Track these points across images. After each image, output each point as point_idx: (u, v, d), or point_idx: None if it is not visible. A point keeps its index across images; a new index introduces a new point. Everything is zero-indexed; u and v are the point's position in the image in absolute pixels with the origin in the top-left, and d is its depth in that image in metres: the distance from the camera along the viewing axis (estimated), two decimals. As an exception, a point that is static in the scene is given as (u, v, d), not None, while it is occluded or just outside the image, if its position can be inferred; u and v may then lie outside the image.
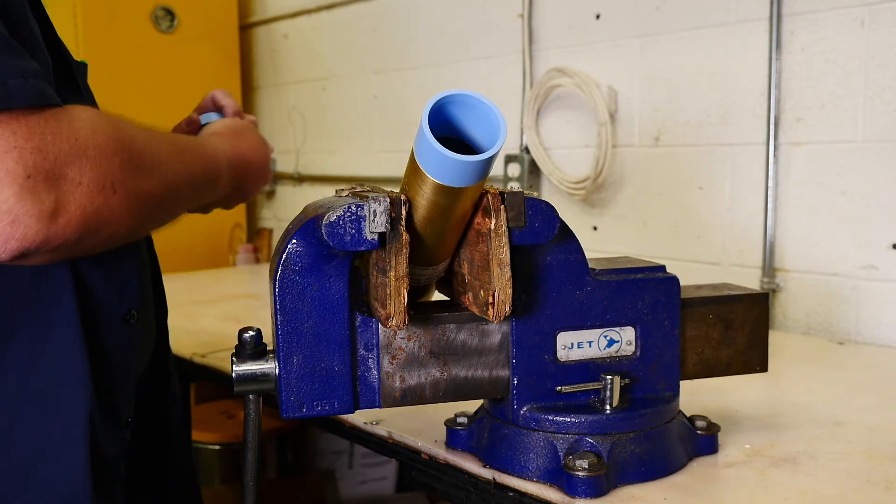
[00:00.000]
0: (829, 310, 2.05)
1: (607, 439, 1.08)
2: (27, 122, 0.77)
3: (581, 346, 1.11)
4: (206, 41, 3.59)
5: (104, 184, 0.82)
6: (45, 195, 0.77)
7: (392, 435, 1.31)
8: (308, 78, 3.60)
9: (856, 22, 1.94)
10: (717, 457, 1.18)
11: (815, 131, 2.04)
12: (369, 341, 1.04)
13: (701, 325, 1.19)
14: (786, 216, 2.11)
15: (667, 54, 2.31)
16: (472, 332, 1.08)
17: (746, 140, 2.17)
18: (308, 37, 3.57)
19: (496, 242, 0.96)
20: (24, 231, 0.77)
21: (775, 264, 2.14)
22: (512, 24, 2.68)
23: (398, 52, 3.13)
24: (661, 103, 2.34)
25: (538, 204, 1.01)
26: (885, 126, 1.91)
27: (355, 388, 1.04)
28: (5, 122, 0.76)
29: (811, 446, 1.22)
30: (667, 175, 2.35)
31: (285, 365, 1.00)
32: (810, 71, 2.03)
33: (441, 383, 1.08)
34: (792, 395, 1.53)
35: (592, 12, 2.47)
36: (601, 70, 2.45)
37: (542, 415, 1.09)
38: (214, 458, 2.46)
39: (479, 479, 1.14)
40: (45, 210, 0.77)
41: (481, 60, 2.82)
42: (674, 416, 1.15)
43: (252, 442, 1.04)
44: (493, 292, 0.96)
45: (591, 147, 2.46)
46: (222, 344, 1.94)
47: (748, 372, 1.23)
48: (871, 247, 1.96)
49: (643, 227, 2.42)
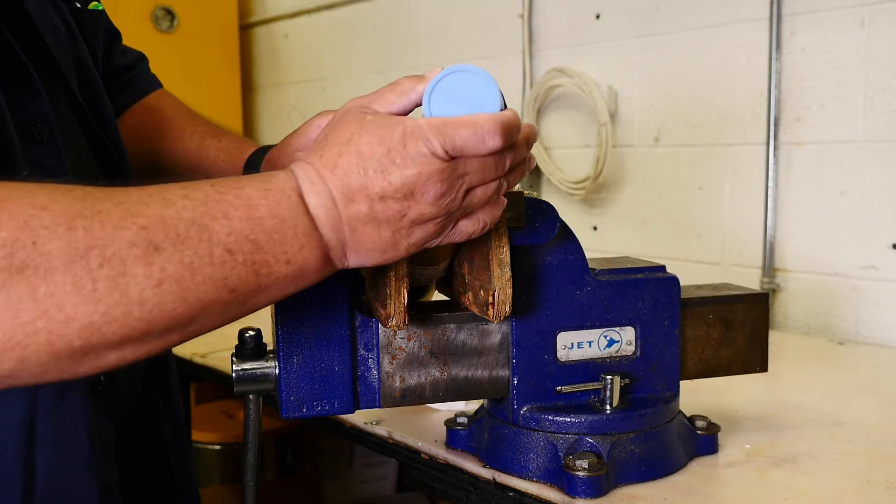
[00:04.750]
0: (829, 310, 2.05)
1: (607, 439, 1.08)
2: None
3: (581, 346, 1.11)
4: (206, 41, 3.59)
5: None
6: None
7: (392, 435, 1.31)
8: (308, 78, 3.60)
9: (856, 22, 1.94)
10: (717, 457, 1.18)
11: (815, 131, 2.04)
12: (369, 341, 1.04)
13: (701, 325, 1.19)
14: (786, 216, 2.11)
15: (667, 54, 2.31)
16: (472, 332, 1.08)
17: (746, 140, 2.17)
18: (308, 37, 3.57)
19: (496, 242, 0.96)
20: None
21: (775, 264, 2.14)
22: (512, 24, 2.68)
23: (398, 52, 3.13)
24: (661, 103, 2.34)
25: (538, 204, 1.01)
26: (885, 126, 1.91)
27: (355, 388, 1.04)
28: None
29: (811, 446, 1.22)
30: (667, 175, 2.35)
31: (285, 365, 0.99)
32: (810, 71, 2.03)
33: (441, 383, 1.08)
34: (792, 395, 1.53)
35: (592, 12, 2.47)
36: (601, 70, 2.45)
37: (542, 415, 1.09)
38: (214, 458, 2.46)
39: (479, 479, 1.14)
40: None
41: (481, 60, 2.82)
42: (674, 416, 1.15)
43: (252, 442, 1.03)
44: (493, 292, 0.96)
45: (591, 147, 2.46)
46: (222, 344, 1.94)
47: (748, 372, 1.23)
48: (871, 247, 1.96)
49: (643, 227, 2.42)
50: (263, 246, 0.69)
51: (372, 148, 0.74)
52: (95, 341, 0.63)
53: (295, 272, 0.72)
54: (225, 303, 0.68)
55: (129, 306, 0.63)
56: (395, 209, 0.74)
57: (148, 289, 0.63)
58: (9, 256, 0.58)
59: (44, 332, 0.60)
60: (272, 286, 0.71)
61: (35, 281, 0.59)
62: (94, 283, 0.61)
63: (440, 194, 0.75)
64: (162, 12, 3.43)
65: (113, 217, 0.63)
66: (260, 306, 0.74)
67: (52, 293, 0.60)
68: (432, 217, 0.76)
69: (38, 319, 0.60)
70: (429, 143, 0.73)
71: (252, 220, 0.69)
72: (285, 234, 0.71)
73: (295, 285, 0.74)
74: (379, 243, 0.76)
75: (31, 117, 0.90)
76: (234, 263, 0.67)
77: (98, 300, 0.61)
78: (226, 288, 0.68)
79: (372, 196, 0.73)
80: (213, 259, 0.66)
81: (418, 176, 0.74)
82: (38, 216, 0.60)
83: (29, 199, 0.61)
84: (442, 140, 0.74)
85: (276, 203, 0.71)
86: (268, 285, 0.71)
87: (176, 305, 0.65)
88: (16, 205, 0.60)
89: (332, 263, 0.76)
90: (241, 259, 0.68)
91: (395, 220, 0.75)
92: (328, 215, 0.73)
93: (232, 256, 0.67)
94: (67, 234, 0.61)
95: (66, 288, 0.60)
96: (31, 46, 0.92)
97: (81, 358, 0.63)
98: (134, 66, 1.35)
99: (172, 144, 1.29)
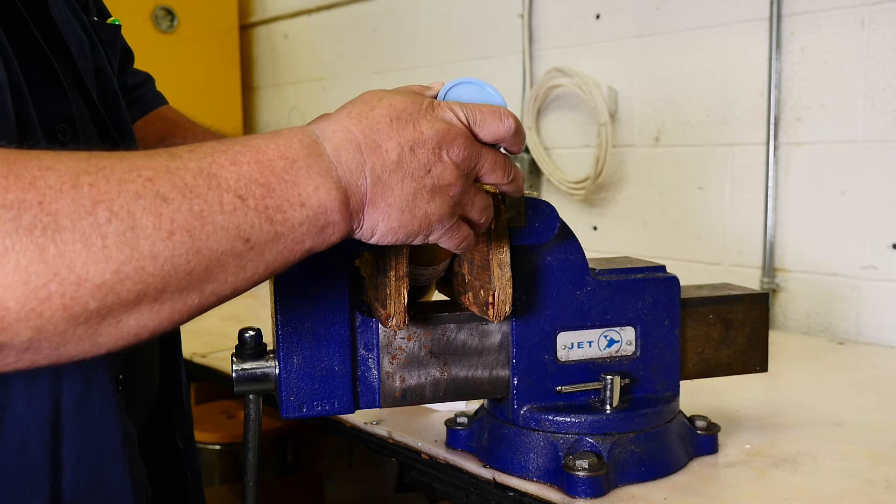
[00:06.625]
0: (829, 310, 2.05)
1: (607, 439, 1.08)
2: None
3: (581, 346, 1.11)
4: (206, 41, 3.59)
5: None
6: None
7: (392, 435, 1.31)
8: (308, 78, 3.60)
9: (856, 22, 1.94)
10: (717, 457, 1.18)
11: (815, 131, 2.04)
12: (369, 341, 1.04)
13: (701, 325, 1.19)
14: (786, 216, 2.11)
15: (667, 54, 2.31)
16: (472, 332, 1.08)
17: (746, 140, 2.17)
18: (308, 37, 3.57)
19: (496, 242, 0.96)
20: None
21: (775, 264, 2.14)
22: (512, 24, 2.68)
23: (398, 52, 3.13)
24: (661, 103, 2.34)
25: (538, 204, 1.01)
26: (885, 126, 1.91)
27: (355, 388, 1.04)
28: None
29: (811, 446, 1.22)
30: (667, 175, 2.35)
31: (285, 365, 0.99)
32: (810, 71, 2.03)
33: (441, 383, 1.08)
34: (792, 395, 1.53)
35: (592, 12, 2.47)
36: (601, 70, 2.45)
37: (542, 415, 1.09)
38: (214, 458, 2.46)
39: (479, 479, 1.14)
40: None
41: (481, 60, 2.82)
42: (674, 416, 1.15)
43: (252, 442, 1.03)
44: (493, 292, 0.96)
45: (591, 147, 2.46)
46: (222, 344, 1.94)
47: (748, 372, 1.23)
48: (871, 247, 1.96)
49: (643, 227, 2.42)
50: (275, 188, 0.68)
51: (405, 104, 0.79)
52: (111, 301, 0.61)
53: (311, 217, 0.70)
54: (240, 254, 0.66)
55: (140, 261, 0.61)
56: (423, 161, 0.77)
57: (159, 241, 0.61)
58: (16, 218, 0.57)
59: (57, 296, 0.58)
60: (287, 235, 0.69)
61: (44, 242, 0.58)
62: (104, 238, 0.60)
63: (463, 157, 0.80)
64: (162, 12, 3.43)
65: (118, 171, 0.62)
66: (278, 267, 0.71)
67: (61, 253, 0.58)
68: (450, 183, 0.79)
69: (49, 283, 0.58)
70: (454, 110, 0.82)
71: (261, 163, 0.68)
72: (297, 174, 0.70)
73: (312, 239, 0.71)
74: (400, 198, 0.76)
75: (56, 117, 0.90)
76: (245, 209, 0.66)
77: (108, 257, 0.60)
78: (239, 237, 0.66)
79: (402, 143, 0.76)
80: (223, 206, 0.65)
81: (448, 131, 0.79)
82: (43, 176, 0.59)
83: (34, 161, 0.60)
84: (466, 110, 0.82)
85: (287, 146, 0.71)
86: (282, 234, 0.68)
87: (189, 258, 0.63)
88: (22, 167, 0.59)
89: (349, 216, 0.74)
90: (253, 204, 0.66)
91: (420, 174, 0.77)
92: (350, 158, 0.74)
93: (243, 202, 0.66)
94: (73, 191, 0.59)
95: (76, 247, 0.59)
96: (54, 51, 0.93)
97: (100, 323, 0.62)
98: (142, 85, 1.40)
99: None
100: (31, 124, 0.84)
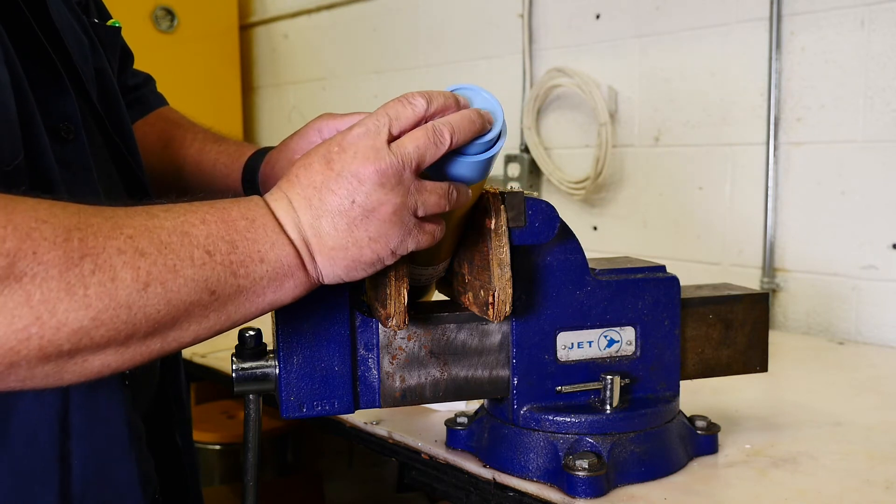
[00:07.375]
0: (829, 310, 2.05)
1: (607, 439, 1.08)
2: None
3: (581, 346, 1.11)
4: (206, 41, 3.59)
5: None
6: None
7: (392, 435, 1.31)
8: (308, 78, 3.60)
9: (856, 22, 1.94)
10: (717, 457, 1.18)
11: (815, 131, 2.04)
12: (369, 341, 1.04)
13: (701, 325, 1.19)
14: (786, 216, 2.11)
15: (667, 54, 2.31)
16: (472, 332, 1.08)
17: (746, 140, 2.17)
18: (308, 37, 3.57)
19: (496, 242, 0.96)
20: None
21: (775, 264, 2.14)
22: (512, 24, 2.68)
23: (398, 52, 3.13)
24: (661, 103, 2.34)
25: (538, 204, 1.01)
26: (885, 126, 1.91)
27: (355, 388, 1.04)
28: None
29: (811, 446, 1.22)
30: (667, 175, 2.35)
31: (285, 365, 0.99)
32: (810, 71, 2.03)
33: (441, 383, 1.08)
34: (792, 395, 1.53)
35: (592, 12, 2.47)
36: (601, 70, 2.45)
37: (542, 415, 1.09)
38: (214, 458, 2.46)
39: (479, 479, 1.14)
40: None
41: (481, 60, 2.82)
42: (674, 416, 1.15)
43: (252, 442, 1.03)
44: (493, 292, 0.96)
45: (591, 147, 2.46)
46: (222, 344, 1.93)
47: (748, 372, 1.23)
48: (871, 247, 1.96)
49: (643, 227, 2.42)
50: (238, 245, 0.75)
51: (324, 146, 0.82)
52: (83, 345, 0.67)
53: (270, 273, 0.77)
54: (205, 305, 0.73)
55: (117, 310, 0.67)
56: (343, 194, 0.78)
57: (135, 292, 0.68)
58: (10, 266, 0.62)
59: (35, 338, 0.64)
60: (249, 288, 0.76)
61: (31, 288, 0.63)
62: (86, 288, 0.65)
63: (381, 171, 0.78)
64: (162, 12, 3.43)
65: (104, 229, 0.68)
66: (239, 318, 0.78)
67: (46, 300, 0.64)
68: (380, 202, 0.79)
69: (31, 325, 0.63)
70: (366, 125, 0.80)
71: (226, 222, 0.75)
72: (256, 232, 0.76)
73: (273, 293, 0.78)
74: (336, 239, 0.79)
75: (59, 116, 0.91)
76: (213, 264, 0.73)
77: (88, 305, 0.66)
78: (206, 289, 0.73)
79: (320, 186, 0.79)
80: (193, 261, 0.72)
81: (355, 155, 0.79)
82: (39, 228, 0.64)
83: (31, 212, 0.65)
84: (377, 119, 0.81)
85: (247, 207, 0.78)
86: (245, 287, 0.75)
87: (160, 308, 0.70)
88: (20, 217, 0.64)
89: (305, 271, 0.80)
90: (220, 259, 0.73)
91: (345, 208, 0.78)
92: (288, 216, 0.79)
93: (211, 257, 0.73)
94: (65, 244, 0.65)
95: (60, 294, 0.64)
96: (55, 51, 0.93)
97: (67, 362, 0.67)
98: (143, 86, 1.40)
99: (175, 150, 1.31)
100: (34, 124, 0.85)
